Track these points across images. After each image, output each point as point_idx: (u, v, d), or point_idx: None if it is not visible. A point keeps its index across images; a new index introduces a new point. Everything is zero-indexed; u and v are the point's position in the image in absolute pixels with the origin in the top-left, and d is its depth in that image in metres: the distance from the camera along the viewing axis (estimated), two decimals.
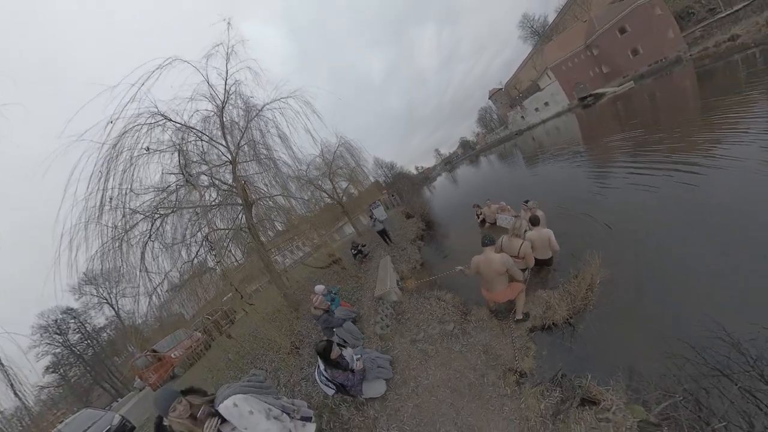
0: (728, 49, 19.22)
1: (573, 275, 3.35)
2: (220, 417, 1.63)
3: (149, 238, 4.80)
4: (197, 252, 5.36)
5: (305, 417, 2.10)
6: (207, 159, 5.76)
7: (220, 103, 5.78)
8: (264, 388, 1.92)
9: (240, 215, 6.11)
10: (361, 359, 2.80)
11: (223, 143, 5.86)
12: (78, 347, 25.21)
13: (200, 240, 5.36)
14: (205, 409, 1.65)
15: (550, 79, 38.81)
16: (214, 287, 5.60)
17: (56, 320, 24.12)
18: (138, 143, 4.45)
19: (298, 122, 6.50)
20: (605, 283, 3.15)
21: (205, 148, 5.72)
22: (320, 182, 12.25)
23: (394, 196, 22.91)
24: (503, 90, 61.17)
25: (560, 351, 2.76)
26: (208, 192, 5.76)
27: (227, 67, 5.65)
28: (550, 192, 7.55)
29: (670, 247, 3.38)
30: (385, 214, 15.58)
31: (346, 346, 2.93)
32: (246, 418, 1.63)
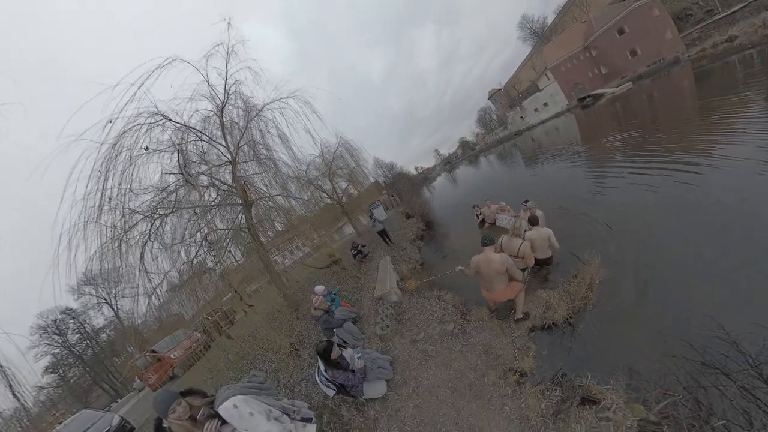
0: (726, 50, 19.33)
1: (573, 275, 3.36)
2: (219, 418, 1.63)
3: (148, 239, 4.78)
4: (196, 252, 5.34)
5: (305, 418, 2.10)
6: (207, 159, 5.75)
7: (219, 103, 5.78)
8: (264, 389, 1.91)
9: (239, 215, 6.10)
10: (362, 357, 2.79)
11: (223, 143, 5.86)
12: (77, 348, 25.10)
13: (200, 240, 5.34)
14: (205, 411, 1.64)
15: (549, 80, 38.91)
16: (214, 287, 5.58)
17: (55, 320, 24.03)
18: (137, 143, 4.44)
19: (298, 122, 6.50)
20: (605, 282, 3.16)
21: (204, 148, 5.71)
22: (320, 182, 12.24)
23: (393, 196, 22.91)
24: (502, 90, 61.31)
25: (560, 350, 2.77)
26: (207, 192, 5.75)
27: (227, 67, 5.64)
28: (549, 192, 7.57)
29: (671, 247, 3.39)
30: (384, 215, 15.58)
31: (346, 346, 2.93)
32: (246, 419, 1.63)
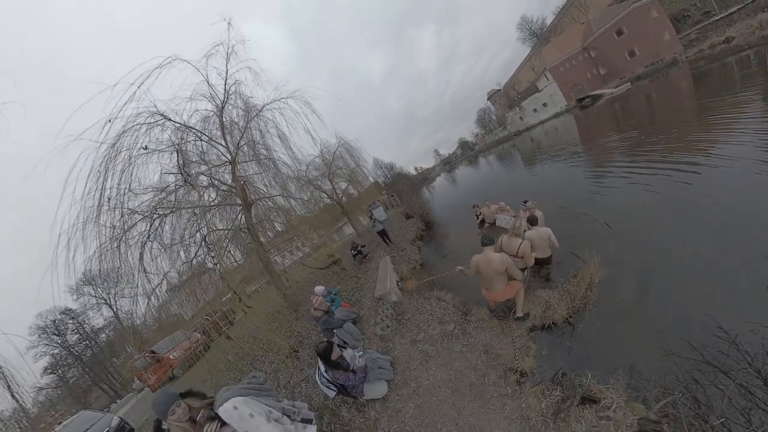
0: (723, 51, 19.45)
1: (572, 275, 3.37)
2: (219, 420, 1.62)
3: (148, 239, 4.77)
4: (196, 252, 5.33)
5: (306, 419, 2.09)
6: (206, 159, 5.74)
7: (219, 103, 5.77)
8: (264, 391, 1.91)
9: (239, 216, 6.09)
10: (363, 356, 2.78)
11: (223, 143, 5.85)
12: (76, 348, 25.01)
13: (199, 240, 5.33)
14: (205, 413, 1.64)
15: (548, 81, 39.01)
16: (213, 288, 5.56)
17: (54, 321, 23.94)
18: (137, 143, 4.43)
19: (298, 122, 6.50)
20: (605, 282, 3.17)
21: (204, 148, 5.70)
22: (320, 183, 12.24)
23: (393, 196, 22.93)
24: (502, 91, 61.42)
25: (560, 350, 2.77)
26: (207, 192, 5.74)
27: (227, 67, 5.64)
28: (549, 192, 7.59)
29: (670, 246, 3.40)
30: (384, 215, 15.58)
31: (346, 347, 2.92)
32: (246, 421, 1.62)
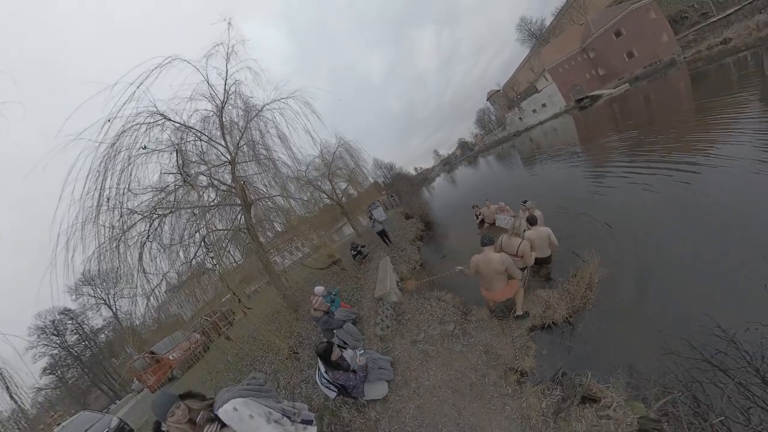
0: (720, 52, 19.54)
1: (572, 274, 3.37)
2: (219, 422, 1.61)
3: (147, 239, 4.76)
4: (195, 253, 5.32)
5: (306, 420, 2.08)
6: (206, 159, 5.73)
7: (219, 103, 5.76)
8: (264, 392, 1.90)
9: (239, 216, 6.08)
10: (364, 355, 2.78)
11: (223, 143, 5.84)
12: (76, 348, 24.89)
13: (198, 241, 5.32)
14: (204, 414, 1.62)
15: (548, 81, 39.11)
16: (213, 288, 5.54)
17: (54, 321, 23.82)
18: (136, 143, 4.42)
19: (298, 123, 6.50)
20: (604, 282, 3.17)
21: (204, 148, 5.69)
22: (319, 183, 12.22)
23: (393, 196, 22.93)
24: (501, 92, 61.55)
25: (560, 350, 2.78)
26: (206, 192, 5.73)
27: (227, 66, 5.63)
28: (548, 192, 7.60)
29: (670, 246, 3.41)
30: (384, 215, 15.58)
31: (346, 347, 2.92)
32: (246, 422, 1.61)
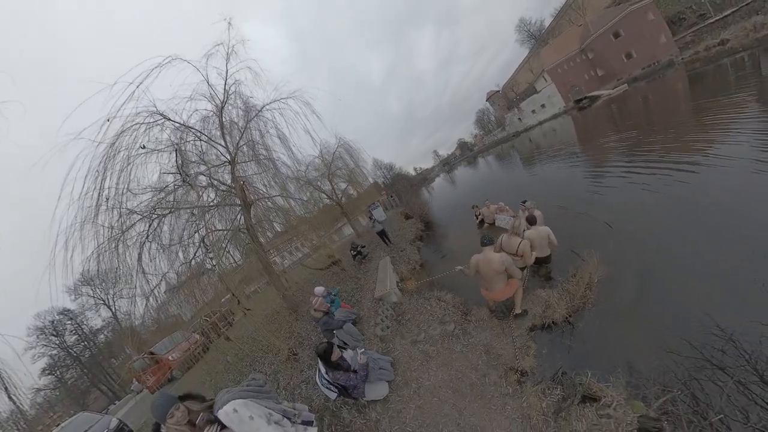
0: (718, 53, 19.66)
1: (572, 274, 3.38)
2: (219, 423, 1.59)
3: (146, 239, 4.75)
4: (195, 253, 5.31)
5: (306, 421, 2.08)
6: (205, 159, 5.72)
7: (219, 102, 5.76)
8: (264, 393, 1.89)
9: (238, 216, 6.07)
10: (365, 353, 2.77)
11: (222, 143, 5.83)
12: (75, 349, 24.76)
13: (198, 241, 5.31)
14: (204, 416, 1.61)
15: (547, 82, 39.22)
16: (212, 288, 5.53)
17: (53, 321, 23.70)
18: (136, 142, 4.40)
19: (298, 123, 6.49)
20: (604, 281, 3.18)
21: (203, 148, 5.69)
22: (319, 183, 12.21)
23: (393, 197, 22.91)
24: (500, 92, 61.67)
25: (560, 349, 2.78)
26: (206, 192, 5.72)
27: (227, 66, 5.63)
28: (548, 192, 7.62)
29: (670, 246, 3.42)
30: (384, 215, 15.58)
31: (346, 347, 2.92)
32: (246, 423, 1.60)
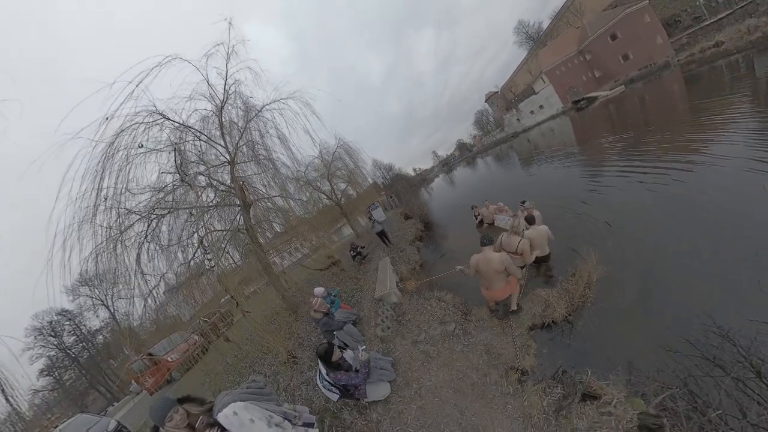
0: (713, 55, 19.91)
1: (571, 273, 3.40)
2: (219, 426, 1.57)
3: (145, 239, 4.72)
4: (194, 254, 5.28)
5: (307, 423, 2.07)
6: (205, 159, 5.70)
7: (219, 102, 5.74)
8: (264, 395, 1.87)
9: (238, 216, 6.05)
10: (366, 350, 2.76)
11: (222, 143, 5.81)
12: (73, 350, 24.53)
13: (197, 241, 5.28)
14: (204, 419, 1.58)
15: (545, 83, 39.45)
16: (212, 289, 5.50)
17: (51, 322, 23.47)
18: (135, 142, 4.38)
19: (298, 123, 6.48)
20: (603, 280, 3.20)
21: (203, 148, 5.66)
22: (319, 183, 12.20)
23: (392, 197, 22.90)
24: (499, 93, 61.93)
25: (560, 348, 2.80)
26: (205, 192, 5.70)
27: (227, 66, 5.61)
28: (546, 192, 7.66)
29: (668, 245, 3.45)
30: (383, 216, 15.55)
31: (346, 348, 2.91)
32: (247, 426, 1.57)
